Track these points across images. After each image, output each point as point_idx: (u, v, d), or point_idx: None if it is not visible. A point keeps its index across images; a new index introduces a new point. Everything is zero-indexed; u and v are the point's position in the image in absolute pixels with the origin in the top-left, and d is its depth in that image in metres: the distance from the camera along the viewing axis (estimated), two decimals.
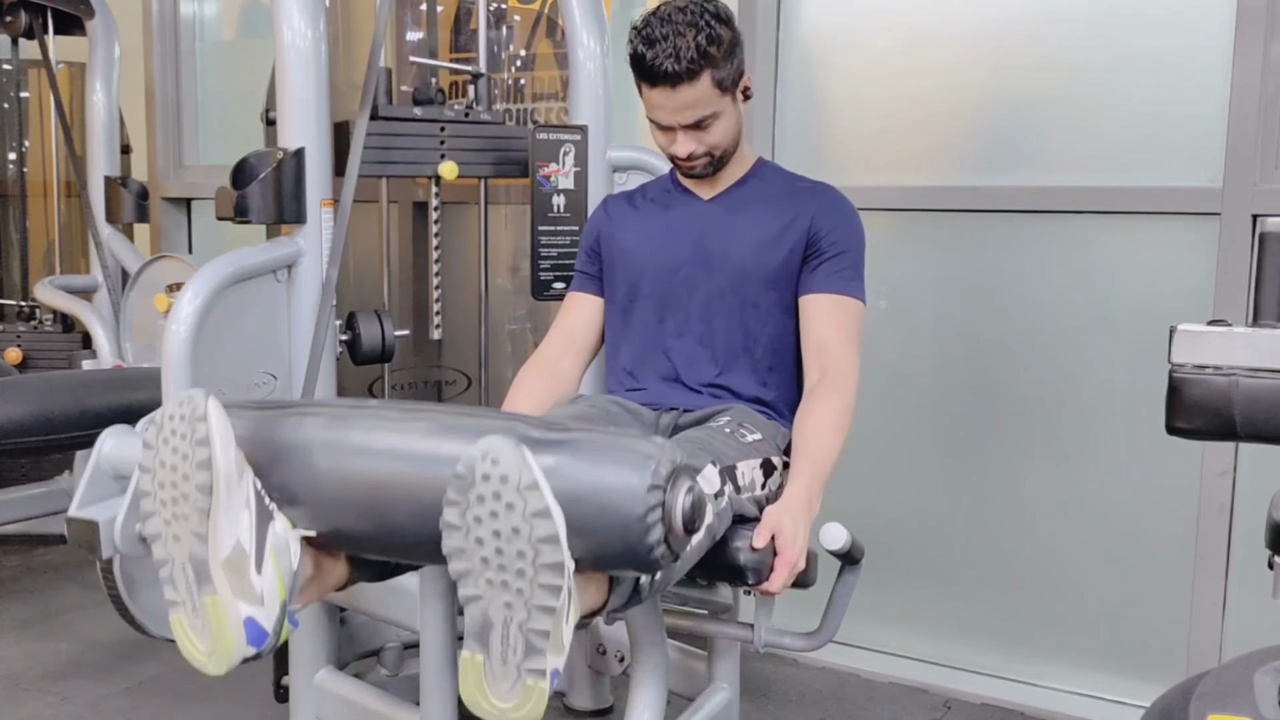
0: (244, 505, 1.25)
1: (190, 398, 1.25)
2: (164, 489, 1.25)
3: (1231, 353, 1.22)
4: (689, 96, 1.74)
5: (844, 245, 1.84)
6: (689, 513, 1.22)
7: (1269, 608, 1.60)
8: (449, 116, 2.29)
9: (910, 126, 2.56)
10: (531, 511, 1.12)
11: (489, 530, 1.13)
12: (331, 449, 1.29)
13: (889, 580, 2.54)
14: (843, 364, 1.76)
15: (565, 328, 1.99)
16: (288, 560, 1.29)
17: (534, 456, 1.14)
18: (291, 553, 1.29)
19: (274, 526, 1.28)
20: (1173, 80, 2.27)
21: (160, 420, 1.27)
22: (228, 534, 1.24)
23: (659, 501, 1.18)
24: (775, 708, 2.42)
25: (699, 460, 1.53)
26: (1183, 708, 1.08)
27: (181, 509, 1.24)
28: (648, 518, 1.18)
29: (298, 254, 2.03)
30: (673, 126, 1.79)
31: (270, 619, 1.26)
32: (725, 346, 1.86)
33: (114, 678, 2.51)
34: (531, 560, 1.13)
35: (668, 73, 1.71)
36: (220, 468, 1.22)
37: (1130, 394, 2.32)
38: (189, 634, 1.25)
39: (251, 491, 1.27)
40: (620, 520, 1.18)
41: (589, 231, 2.04)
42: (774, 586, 1.52)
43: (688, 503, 1.22)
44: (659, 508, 1.18)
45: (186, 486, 1.23)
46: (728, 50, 1.75)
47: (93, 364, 3.15)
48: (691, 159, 1.83)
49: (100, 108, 3.32)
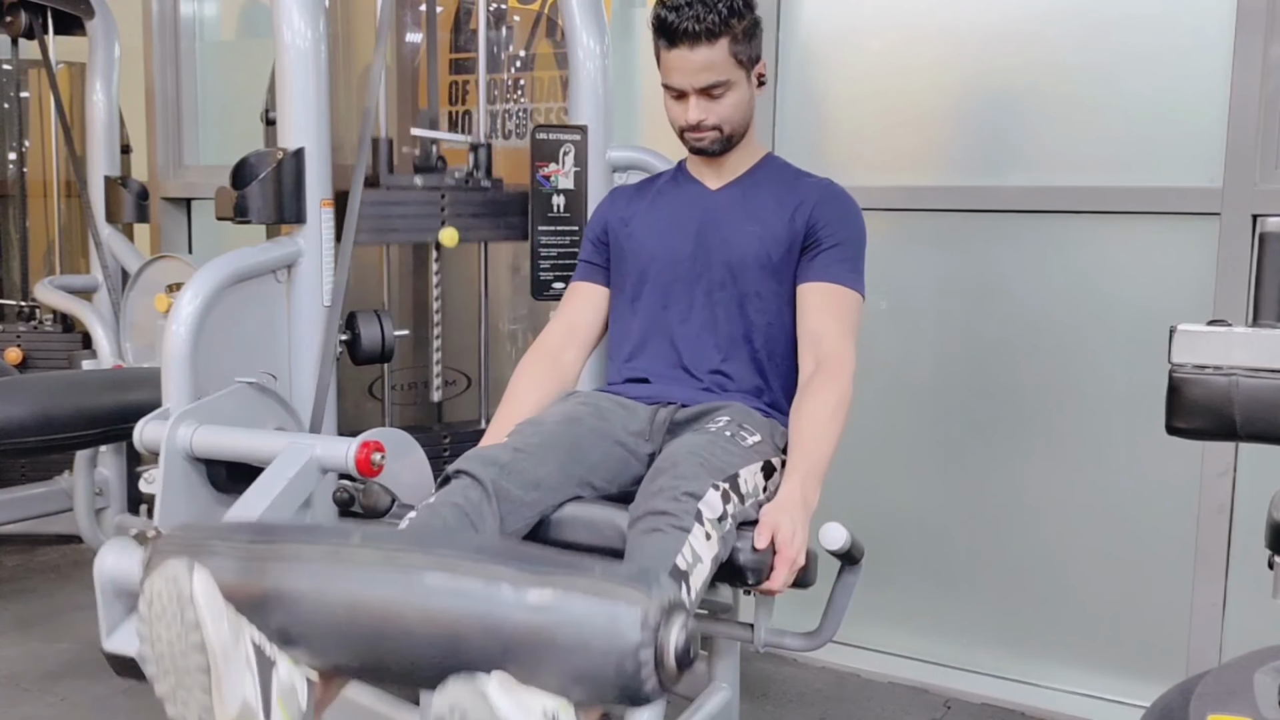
0: (244, 665, 1.23)
1: (175, 577, 1.22)
2: (164, 660, 1.25)
3: (1231, 353, 1.22)
4: (706, 58, 1.77)
5: (842, 237, 1.85)
6: (682, 650, 1.19)
7: (1269, 608, 1.60)
8: (449, 184, 2.31)
9: (910, 126, 2.56)
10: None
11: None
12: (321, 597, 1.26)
13: (889, 580, 2.54)
14: (838, 354, 1.76)
15: (567, 319, 1.99)
16: (295, 703, 1.27)
17: (500, 691, 1.12)
18: (299, 693, 1.27)
19: (278, 673, 1.26)
20: (1173, 80, 2.27)
21: (149, 595, 1.24)
22: (232, 698, 1.22)
23: (650, 657, 1.16)
24: (775, 708, 2.42)
25: (700, 484, 1.53)
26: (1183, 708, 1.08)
27: (185, 680, 1.23)
28: (641, 672, 1.16)
29: (297, 254, 2.03)
30: (686, 91, 1.81)
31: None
32: (727, 335, 1.87)
33: (114, 678, 2.48)
34: None
35: (689, 31, 1.74)
36: (215, 649, 1.21)
37: (1130, 394, 2.32)
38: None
39: (249, 648, 1.24)
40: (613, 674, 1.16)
41: (595, 221, 2.04)
42: (775, 585, 1.52)
43: (680, 640, 1.19)
44: (651, 661, 1.16)
45: (185, 663, 1.22)
46: (749, 28, 1.80)
47: (93, 364, 3.14)
48: (700, 129, 1.84)
49: (100, 108, 3.32)
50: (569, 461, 1.67)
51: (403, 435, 1.93)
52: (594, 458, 1.71)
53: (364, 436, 1.77)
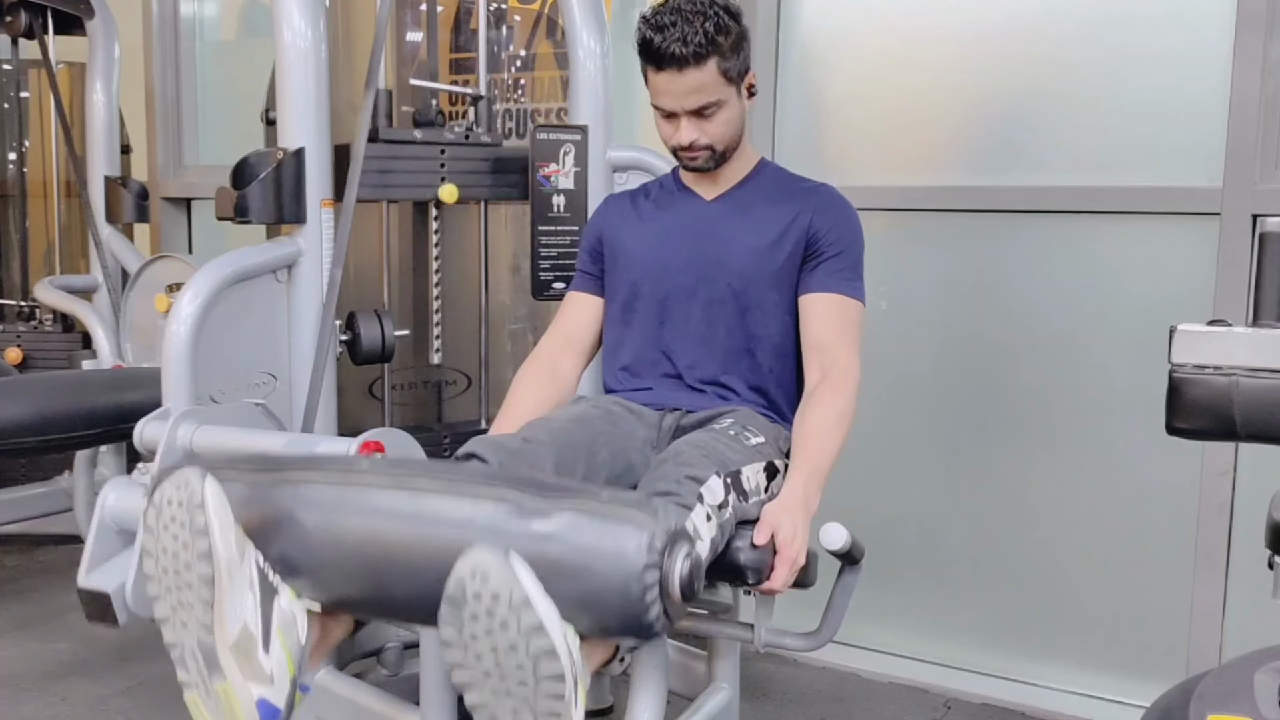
0: (248, 587, 1.24)
1: (187, 482, 1.22)
2: (167, 575, 1.24)
3: (1231, 353, 1.22)
4: (695, 81, 1.74)
5: (843, 245, 1.84)
6: (687, 579, 1.21)
7: (1269, 608, 1.60)
8: (449, 139, 2.28)
9: (910, 126, 2.56)
10: (526, 628, 1.12)
11: (486, 646, 1.13)
12: (329, 523, 1.27)
13: (889, 580, 2.54)
14: (843, 365, 1.76)
15: (564, 327, 1.99)
16: (294, 635, 1.28)
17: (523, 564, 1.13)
18: (298, 626, 1.28)
19: (279, 602, 1.27)
20: (1173, 80, 2.27)
21: (158, 502, 1.24)
22: (233, 619, 1.23)
23: (655, 580, 1.18)
24: (775, 708, 2.42)
25: (704, 469, 1.53)
26: (1183, 708, 1.08)
27: (186, 597, 1.23)
28: (646, 596, 1.17)
29: (297, 254, 2.03)
30: (676, 113, 1.79)
31: (282, 696, 1.26)
32: (727, 347, 1.86)
33: (114, 678, 2.50)
34: (532, 671, 1.13)
35: (675, 55, 1.71)
36: (221, 556, 1.21)
37: (1130, 394, 2.32)
38: (204, 714, 1.26)
39: (254, 570, 1.25)
40: (618, 599, 1.17)
41: (590, 231, 2.04)
42: (776, 584, 1.52)
43: (685, 569, 1.21)
44: (655, 585, 1.18)
45: (189, 575, 1.22)
46: (735, 42, 1.76)
47: (93, 364, 3.14)
48: (693, 149, 1.82)
49: (100, 108, 3.32)
50: (576, 459, 1.67)
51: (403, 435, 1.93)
52: (601, 457, 1.71)
53: (364, 436, 1.77)
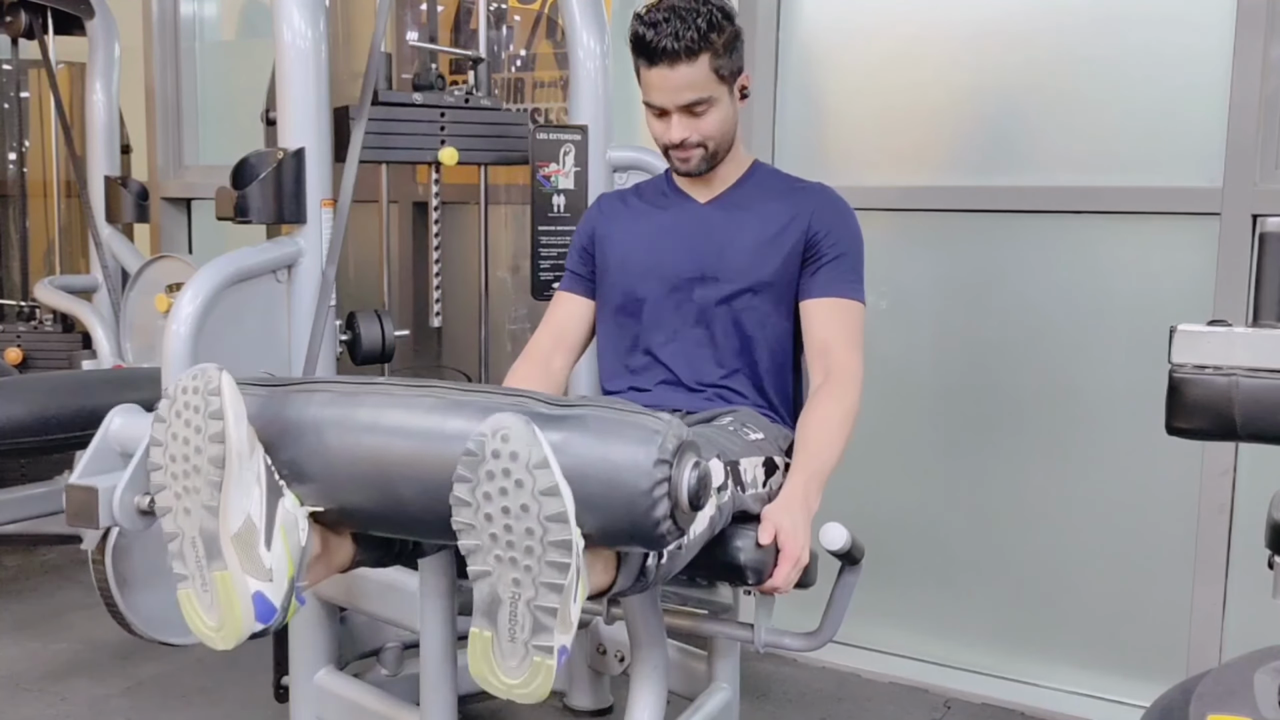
0: (254, 480, 1.27)
1: (204, 370, 1.26)
2: (175, 462, 1.27)
3: (1231, 353, 1.22)
4: (687, 77, 1.74)
5: (843, 247, 1.84)
6: (695, 488, 1.22)
7: (1269, 608, 1.60)
8: (449, 102, 2.28)
9: (910, 126, 2.56)
10: (540, 489, 1.13)
11: (498, 507, 1.14)
12: (340, 425, 1.30)
13: (889, 580, 2.54)
14: (847, 368, 1.76)
15: (555, 325, 1.98)
16: (296, 536, 1.30)
17: (543, 433, 1.15)
18: (300, 529, 1.31)
19: (283, 502, 1.29)
20: (1173, 80, 2.27)
21: (173, 393, 1.28)
22: (238, 508, 1.25)
23: (665, 476, 1.20)
24: (775, 708, 2.42)
25: (705, 453, 1.53)
26: (1183, 708, 1.08)
27: (193, 481, 1.25)
28: (654, 492, 1.19)
29: (298, 254, 2.03)
30: (668, 110, 1.78)
31: (279, 594, 1.27)
32: (725, 350, 1.86)
33: (114, 678, 2.50)
34: (540, 538, 1.14)
35: (667, 50, 1.71)
36: (233, 440, 1.24)
37: (1130, 394, 2.32)
38: (197, 609, 1.27)
39: (262, 467, 1.28)
40: (627, 495, 1.19)
41: (582, 230, 2.02)
42: (779, 583, 1.52)
43: (694, 478, 1.22)
44: (665, 482, 1.20)
45: (199, 459, 1.25)
46: (729, 41, 1.76)
47: (93, 364, 3.15)
48: (685, 147, 1.81)
49: (100, 108, 3.32)
50: None
51: None
52: None
53: None
